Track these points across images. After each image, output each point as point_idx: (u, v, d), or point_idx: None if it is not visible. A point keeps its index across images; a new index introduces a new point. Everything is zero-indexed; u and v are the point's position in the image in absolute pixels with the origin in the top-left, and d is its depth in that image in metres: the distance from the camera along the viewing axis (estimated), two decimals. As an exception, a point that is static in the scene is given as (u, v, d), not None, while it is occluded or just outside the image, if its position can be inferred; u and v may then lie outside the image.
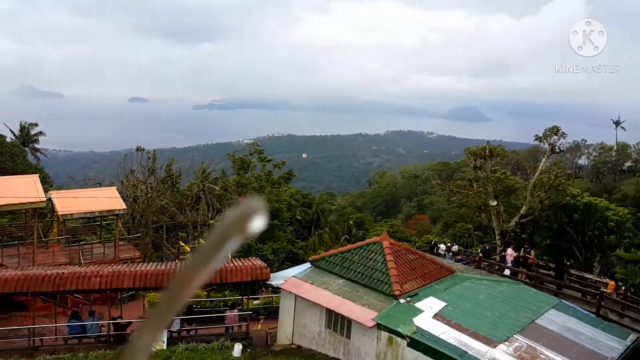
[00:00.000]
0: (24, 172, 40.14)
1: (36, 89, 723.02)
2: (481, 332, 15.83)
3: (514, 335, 16.06)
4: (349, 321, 17.60)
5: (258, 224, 0.90)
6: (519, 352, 15.07)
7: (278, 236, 39.42)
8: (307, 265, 21.57)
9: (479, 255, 29.32)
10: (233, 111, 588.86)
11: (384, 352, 16.33)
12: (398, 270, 18.81)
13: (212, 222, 37.12)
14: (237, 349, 18.74)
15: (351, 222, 62.10)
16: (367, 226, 62.85)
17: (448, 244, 38.05)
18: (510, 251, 28.07)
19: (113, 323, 19.93)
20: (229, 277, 20.51)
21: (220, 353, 18.79)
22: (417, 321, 16.22)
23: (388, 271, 18.60)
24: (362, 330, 16.99)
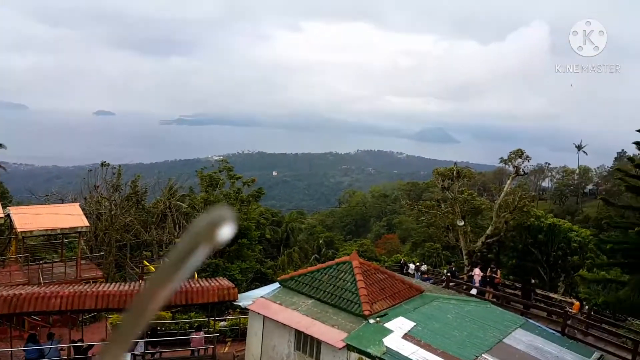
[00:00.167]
0: (-20, 187, 38.64)
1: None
2: (450, 352, 15.82)
3: (482, 354, 16.12)
4: (319, 342, 17.35)
5: (226, 233, 0.92)
6: (488, 373, 15.11)
7: (246, 255, 38.85)
8: (276, 285, 21.27)
9: (447, 275, 29.61)
10: (202, 127, 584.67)
11: (354, 374, 16.13)
12: (368, 290, 18.71)
13: (179, 241, 36.39)
14: (203, 372, 18.22)
15: (321, 241, 61.87)
16: (337, 245, 62.73)
17: (417, 264, 38.33)
18: (477, 271, 28.44)
19: (73, 346, 19.11)
20: (195, 298, 19.99)
21: (185, 376, 18.24)
22: (387, 341, 16.11)
23: (358, 291, 18.48)
24: (332, 351, 16.75)
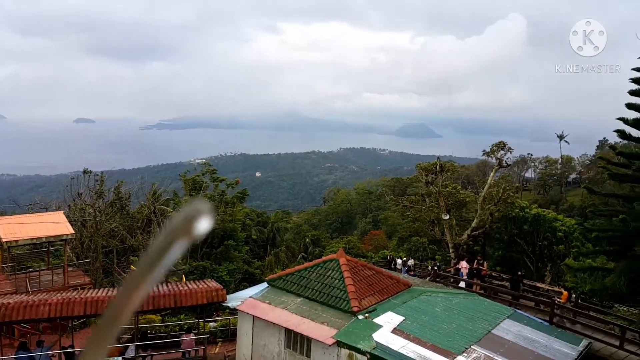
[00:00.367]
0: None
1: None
2: (439, 345, 15.96)
3: (472, 346, 16.29)
4: (309, 340, 17.38)
5: (204, 226, 0.92)
6: (477, 363, 15.28)
7: (234, 256, 38.73)
8: (264, 285, 21.25)
9: (434, 269, 29.85)
10: (184, 131, 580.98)
11: (345, 370, 16.19)
12: (356, 286, 18.79)
13: (157, 237, 36.10)
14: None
15: (307, 240, 61.84)
16: (324, 243, 62.73)
17: (404, 259, 38.55)
18: (464, 264, 28.68)
19: (64, 353, 18.94)
20: (184, 301, 19.91)
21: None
22: (377, 337, 16.20)
23: (346, 288, 18.56)
24: (322, 348, 16.80)
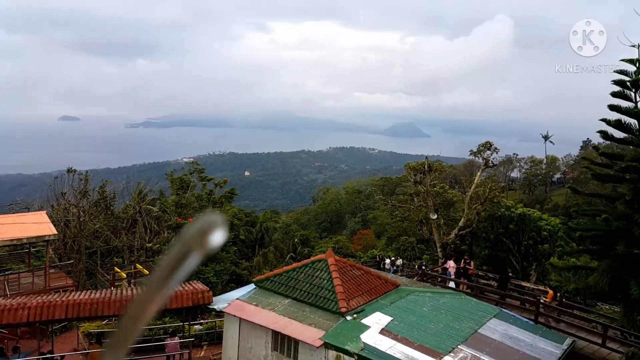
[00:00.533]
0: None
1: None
2: (427, 345, 15.93)
3: (459, 345, 16.28)
4: (296, 342, 17.25)
5: (217, 238, 0.90)
6: (464, 363, 15.27)
7: (221, 257, 38.39)
8: (252, 286, 21.07)
9: (422, 269, 29.91)
10: (171, 129, 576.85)
11: (332, 372, 16.09)
12: (344, 287, 18.70)
13: (150, 246, 35.71)
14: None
15: (296, 240, 61.67)
16: (313, 243, 62.59)
17: (392, 258, 38.58)
18: (451, 263, 28.75)
19: (43, 359, 18.54)
20: (169, 303, 19.65)
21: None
22: (365, 338, 16.12)
23: (334, 288, 18.46)
24: (310, 350, 16.68)
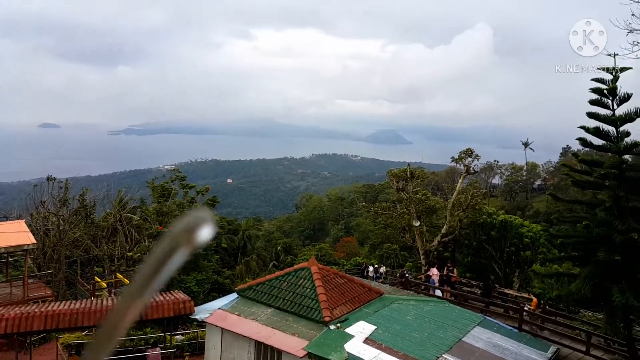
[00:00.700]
0: None
1: None
2: (411, 354, 15.83)
3: (443, 354, 16.22)
4: (279, 352, 17.02)
5: (205, 234, 0.90)
6: (449, 372, 15.19)
7: (203, 266, 37.90)
8: (234, 295, 20.80)
9: (406, 276, 29.89)
10: (152, 136, 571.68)
11: (316, 382, 15.88)
12: (327, 295, 18.55)
13: (131, 255, 35.09)
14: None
15: (279, 248, 61.23)
16: (296, 251, 62.24)
17: (376, 266, 38.51)
18: (435, 271, 28.76)
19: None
20: (150, 314, 19.33)
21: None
22: (349, 347, 15.97)
23: (317, 297, 18.30)
24: (293, 360, 16.46)
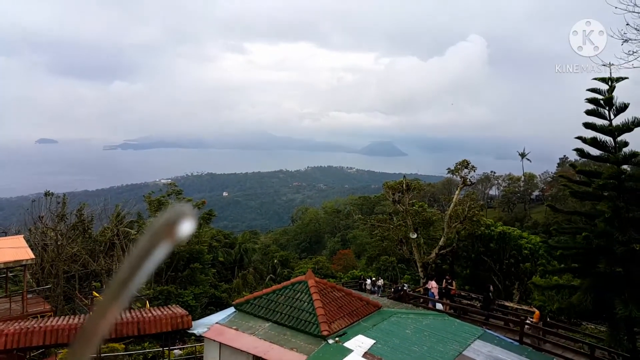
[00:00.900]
0: None
1: None
2: (411, 368, 15.75)
3: (443, 368, 16.14)
4: (278, 367, 16.89)
5: (186, 228, 0.90)
6: (449, 386, 15.11)
7: (200, 280, 37.80)
8: (232, 309, 20.70)
9: (404, 290, 29.75)
10: (148, 151, 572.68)
11: (315, 398, 15.76)
12: (325, 309, 18.48)
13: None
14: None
15: (276, 261, 61.09)
16: (293, 264, 62.09)
17: (373, 279, 38.38)
18: (433, 284, 28.67)
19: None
20: (148, 329, 19.20)
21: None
22: (347, 362, 15.87)
23: (315, 311, 18.22)
24: (292, 375, 16.35)
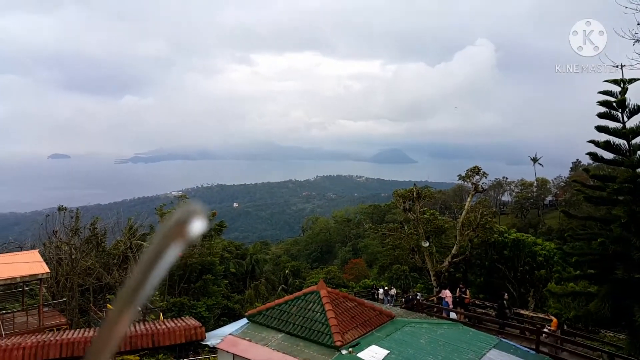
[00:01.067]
0: None
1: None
2: (426, 378, 15.62)
3: (458, 378, 15.98)
4: (292, 378, 16.83)
5: (197, 227, 0.90)
6: (465, 396, 14.95)
7: (212, 291, 37.88)
8: (244, 320, 20.70)
9: (416, 299, 29.59)
10: (159, 163, 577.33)
11: (330, 409, 15.68)
12: (338, 319, 18.40)
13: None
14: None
15: (287, 271, 61.00)
16: (304, 274, 61.94)
17: (385, 288, 38.19)
18: (448, 292, 28.41)
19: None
20: (162, 340, 19.22)
21: None
22: (362, 372, 15.79)
23: (327, 321, 18.15)
24: (306, 387, 16.28)
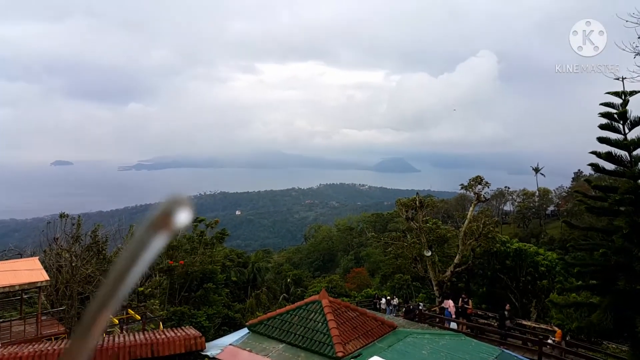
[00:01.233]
0: None
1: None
2: (428, 390, 15.41)
3: (461, 390, 15.77)
4: (292, 390, 16.64)
5: (183, 218, 0.89)
6: (467, 409, 14.74)
7: (213, 300, 37.66)
8: (245, 330, 20.51)
9: (419, 309, 29.35)
10: (162, 171, 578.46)
11: (331, 421, 15.46)
12: (339, 330, 18.21)
13: (142, 289, 34.94)
14: None
15: (289, 280, 60.71)
16: (306, 283, 61.66)
17: (388, 297, 37.93)
18: (451, 303, 28.18)
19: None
20: (161, 350, 18.99)
21: None
22: (363, 384, 15.59)
23: (329, 332, 17.97)
24: (307, 398, 16.08)
